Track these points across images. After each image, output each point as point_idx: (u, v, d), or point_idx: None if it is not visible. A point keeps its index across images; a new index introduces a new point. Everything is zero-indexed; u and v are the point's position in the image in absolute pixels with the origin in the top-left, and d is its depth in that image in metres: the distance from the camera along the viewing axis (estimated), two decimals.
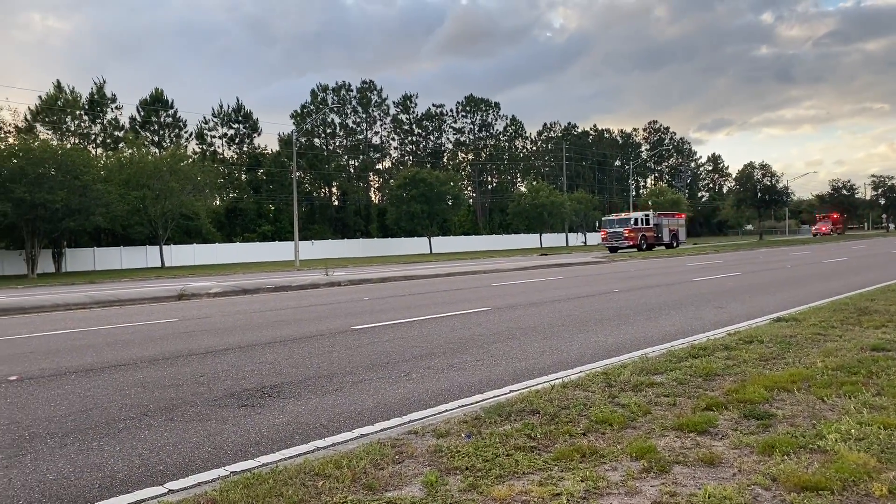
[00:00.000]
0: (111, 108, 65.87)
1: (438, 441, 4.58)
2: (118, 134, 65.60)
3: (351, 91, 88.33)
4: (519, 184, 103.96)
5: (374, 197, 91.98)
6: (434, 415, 5.48)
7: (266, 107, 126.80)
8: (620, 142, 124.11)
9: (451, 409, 5.62)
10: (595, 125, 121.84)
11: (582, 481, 3.77)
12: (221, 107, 76.97)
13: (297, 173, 53.29)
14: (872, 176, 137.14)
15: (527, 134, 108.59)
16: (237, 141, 77.94)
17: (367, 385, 6.69)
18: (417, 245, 69.80)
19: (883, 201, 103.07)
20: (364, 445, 4.55)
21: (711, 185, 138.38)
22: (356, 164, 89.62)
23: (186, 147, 67.25)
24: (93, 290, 22.47)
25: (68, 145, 50.98)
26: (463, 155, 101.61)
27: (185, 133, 72.97)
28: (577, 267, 29.88)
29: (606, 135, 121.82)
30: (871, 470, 3.74)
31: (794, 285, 16.84)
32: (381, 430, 5.08)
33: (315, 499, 3.70)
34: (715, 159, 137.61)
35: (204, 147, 74.62)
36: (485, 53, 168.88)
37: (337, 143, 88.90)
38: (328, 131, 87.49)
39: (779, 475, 3.74)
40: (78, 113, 62.03)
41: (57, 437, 5.20)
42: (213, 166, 63.38)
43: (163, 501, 3.84)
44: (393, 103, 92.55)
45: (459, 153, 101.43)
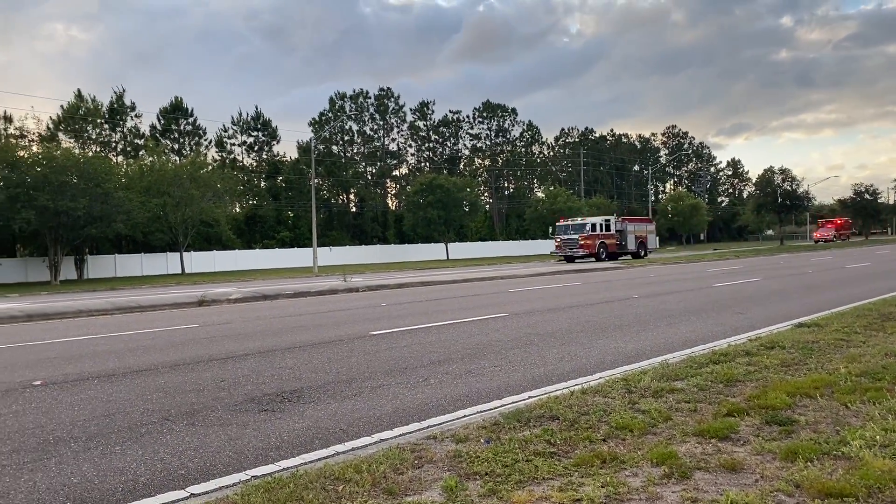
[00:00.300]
0: (131, 117, 66.68)
1: (457, 446, 4.58)
2: (138, 142, 66.36)
3: (368, 98, 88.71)
4: (536, 189, 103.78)
5: (392, 203, 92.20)
6: (453, 420, 5.48)
7: (285, 114, 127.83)
8: (639, 146, 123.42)
9: (470, 415, 5.62)
10: (612, 130, 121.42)
11: (602, 487, 3.75)
12: (241, 115, 77.56)
13: (316, 180, 53.64)
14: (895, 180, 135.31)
15: (543, 139, 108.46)
16: (256, 148, 78.53)
17: (386, 390, 6.71)
18: (434, 251, 69.83)
19: None
20: (383, 450, 4.57)
21: (731, 190, 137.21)
22: (373, 171, 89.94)
23: (206, 155, 67.86)
24: (114, 297, 22.72)
25: (90, 153, 51.66)
26: (480, 161, 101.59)
27: (205, 141, 73.59)
28: (596, 273, 29.74)
29: (624, 140, 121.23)
30: None
31: (816, 290, 16.66)
32: (401, 435, 5.09)
33: (335, 503, 3.72)
34: (734, 164, 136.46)
35: (224, 155, 75.25)
36: (501, 59, 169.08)
37: (355, 150, 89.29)
38: (346, 138, 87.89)
39: (802, 482, 3.70)
40: (99, 121, 62.87)
41: (81, 442, 5.26)
42: (233, 174, 63.94)
43: None
44: (410, 110, 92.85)
45: (476, 159, 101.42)
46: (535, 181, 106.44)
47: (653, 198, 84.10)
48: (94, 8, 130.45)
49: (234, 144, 77.11)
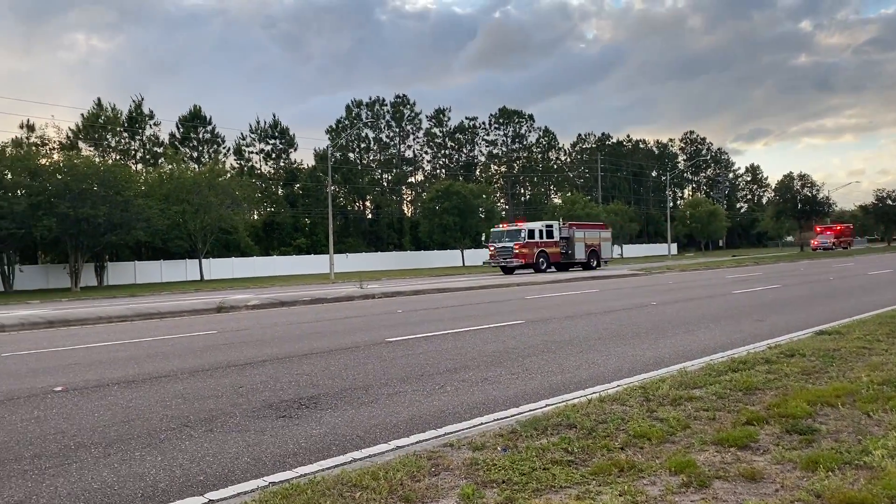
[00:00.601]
0: (150, 125, 67.43)
1: (474, 454, 4.57)
2: (157, 150, 67.08)
3: (384, 106, 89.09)
4: (553, 196, 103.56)
5: (408, 210, 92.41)
6: (469, 428, 5.47)
7: (302, 122, 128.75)
8: (656, 152, 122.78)
9: (487, 423, 5.61)
10: (628, 135, 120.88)
11: (620, 496, 3.73)
12: (258, 123, 78.29)
13: (332, 187, 53.90)
14: None
15: (560, 145, 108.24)
16: (274, 156, 79.13)
17: (402, 397, 6.72)
18: (450, 258, 69.83)
19: None
20: (400, 457, 4.57)
21: (750, 196, 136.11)
22: (389, 178, 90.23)
23: (224, 162, 68.56)
24: (134, 303, 22.93)
25: (110, 161, 52.28)
26: (496, 167, 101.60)
27: (223, 149, 74.32)
28: (614, 279, 29.61)
29: (642, 145, 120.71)
30: None
31: (837, 298, 16.47)
32: (417, 443, 5.09)
33: None
34: (753, 170, 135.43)
35: (241, 162, 75.91)
36: (517, 66, 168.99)
37: (371, 158, 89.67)
38: (362, 146, 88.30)
39: (823, 491, 3.65)
40: (118, 130, 63.62)
41: (101, 447, 5.31)
42: (251, 181, 64.44)
43: None
44: (426, 117, 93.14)
45: (492, 165, 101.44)
46: (552, 187, 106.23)
47: (671, 204, 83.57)
48: (115, 18, 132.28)
49: (252, 152, 77.86)
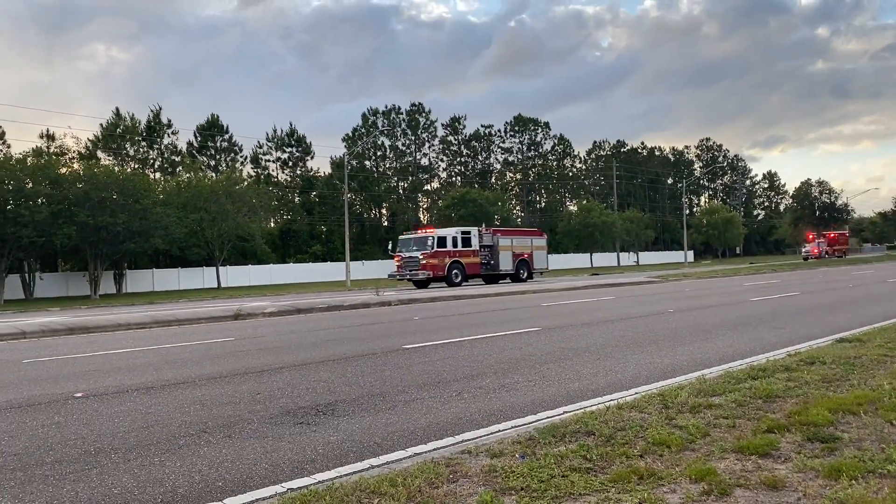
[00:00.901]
0: (168, 134, 68.10)
1: (492, 461, 4.56)
2: (175, 158, 67.71)
3: (400, 114, 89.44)
4: (568, 203, 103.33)
5: (423, 217, 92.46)
6: (487, 435, 5.46)
7: (318, 131, 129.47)
8: (672, 159, 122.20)
9: (504, 430, 5.59)
10: (643, 143, 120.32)
11: (640, 503, 3.71)
12: (275, 131, 78.89)
13: (349, 195, 54.00)
14: None
15: (575, 153, 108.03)
16: (290, 164, 79.65)
17: (419, 404, 6.71)
18: None
19: None
20: (418, 464, 4.56)
21: (767, 203, 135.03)
22: (405, 186, 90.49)
23: (241, 171, 69.00)
24: (152, 311, 23.11)
25: (129, 170, 52.83)
26: (511, 174, 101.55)
27: (241, 157, 74.92)
28: (630, 287, 29.46)
29: (657, 152, 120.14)
30: None
31: (857, 305, 16.28)
32: (435, 450, 5.08)
33: None
34: (771, 176, 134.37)
35: (258, 170, 76.44)
36: (532, 74, 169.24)
37: (387, 165, 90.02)
38: (378, 153, 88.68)
39: (847, 500, 3.60)
40: (137, 139, 64.31)
41: (120, 453, 5.35)
42: (268, 189, 64.86)
43: None
44: (441, 125, 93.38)
45: (508, 173, 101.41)
46: (567, 195, 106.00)
47: (687, 211, 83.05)
48: (134, 28, 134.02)
49: (269, 160, 78.44)
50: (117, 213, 40.29)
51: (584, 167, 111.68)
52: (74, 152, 55.61)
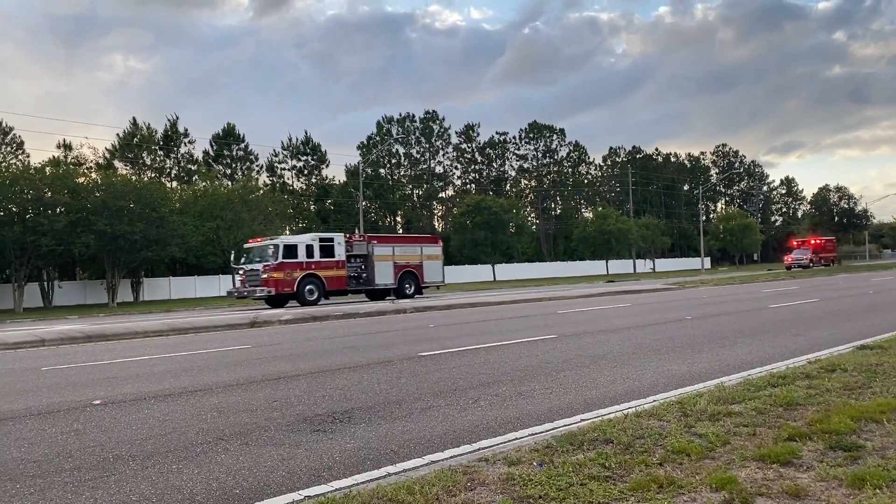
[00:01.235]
0: (184, 143, 68.69)
1: (510, 469, 4.53)
2: (192, 167, 68.27)
3: (414, 122, 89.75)
4: (584, 210, 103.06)
5: (438, 225, 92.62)
6: (504, 442, 5.43)
7: (333, 139, 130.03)
8: (688, 166, 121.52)
9: (522, 437, 5.56)
10: (657, 149, 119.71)
11: None
12: (290, 139, 79.44)
13: (363, 203, 54.24)
14: None
15: (591, 159, 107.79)
16: (306, 172, 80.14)
17: (436, 412, 6.69)
18: (481, 272, 69.72)
19: None
20: (435, 472, 4.54)
21: (785, 209, 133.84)
22: (420, 193, 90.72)
23: (257, 179, 69.46)
24: (169, 318, 23.26)
25: (146, 179, 53.32)
26: (526, 181, 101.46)
27: (256, 166, 75.41)
28: (646, 294, 29.29)
29: (673, 159, 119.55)
30: None
31: (878, 312, 16.08)
32: (452, 457, 5.05)
33: None
34: (788, 182, 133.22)
35: (274, 179, 76.92)
36: (546, 81, 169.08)
37: (401, 173, 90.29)
38: (393, 161, 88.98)
39: None
40: (153, 148, 64.93)
41: (138, 460, 5.37)
42: (283, 197, 65.25)
43: None
44: (455, 133, 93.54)
45: (522, 180, 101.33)
46: (583, 202, 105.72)
47: (703, 217, 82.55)
48: (151, 39, 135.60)
49: (284, 169, 78.95)
50: (135, 222, 40.64)
51: (600, 174, 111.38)
52: (92, 162, 56.27)
